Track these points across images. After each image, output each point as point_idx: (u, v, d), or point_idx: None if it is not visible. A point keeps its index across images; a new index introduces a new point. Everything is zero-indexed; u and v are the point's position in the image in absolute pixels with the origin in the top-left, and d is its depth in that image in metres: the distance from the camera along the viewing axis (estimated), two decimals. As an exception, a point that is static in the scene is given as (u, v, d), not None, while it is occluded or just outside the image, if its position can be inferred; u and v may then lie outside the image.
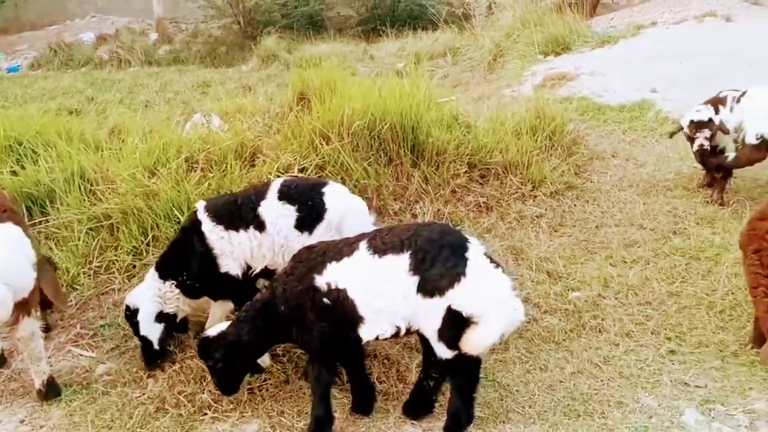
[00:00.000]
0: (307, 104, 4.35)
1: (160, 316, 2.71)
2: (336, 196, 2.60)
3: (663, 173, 4.42)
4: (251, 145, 3.92)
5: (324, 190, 2.60)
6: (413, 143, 4.00)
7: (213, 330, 2.40)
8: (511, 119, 4.57)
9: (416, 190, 3.88)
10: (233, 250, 2.56)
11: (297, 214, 2.54)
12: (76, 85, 9.19)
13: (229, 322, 2.43)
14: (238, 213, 2.57)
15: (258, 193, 2.61)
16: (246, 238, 2.55)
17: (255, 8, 12.15)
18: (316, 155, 3.75)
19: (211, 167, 3.71)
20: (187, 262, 2.63)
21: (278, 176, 3.51)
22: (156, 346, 2.70)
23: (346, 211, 2.58)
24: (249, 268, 2.62)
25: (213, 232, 2.57)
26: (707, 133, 3.87)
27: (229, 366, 2.36)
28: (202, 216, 2.60)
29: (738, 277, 3.07)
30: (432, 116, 4.23)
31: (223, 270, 2.60)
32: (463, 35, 9.32)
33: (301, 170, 3.69)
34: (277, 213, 2.54)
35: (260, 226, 2.55)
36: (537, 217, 3.88)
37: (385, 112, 3.94)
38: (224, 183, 3.56)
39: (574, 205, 4.04)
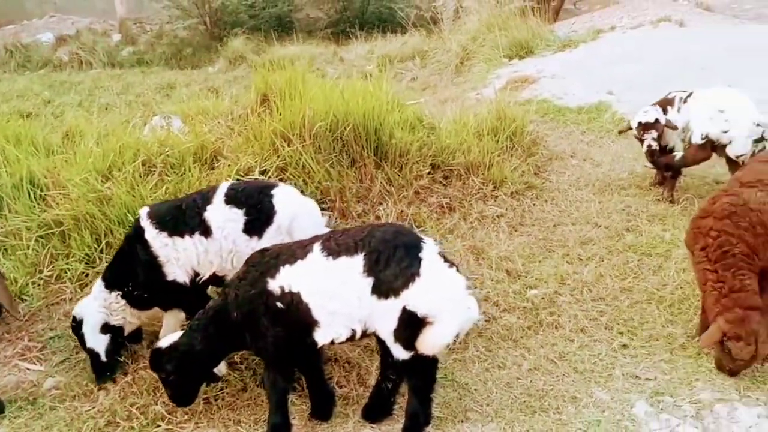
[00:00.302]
0: (270, 106, 4.30)
1: (106, 327, 2.62)
2: (286, 199, 2.55)
3: (617, 172, 4.57)
4: (211, 148, 3.84)
5: (273, 192, 2.54)
6: (376, 144, 4.00)
7: (165, 341, 2.34)
8: (474, 121, 4.63)
9: (379, 191, 3.89)
10: (179, 257, 2.49)
11: (245, 218, 2.48)
12: (32, 87, 8.84)
13: (181, 332, 2.37)
14: (183, 218, 2.50)
15: (203, 197, 2.55)
16: (191, 244, 2.49)
17: (222, 9, 11.93)
18: (277, 157, 3.71)
19: (169, 171, 3.62)
20: (133, 271, 2.55)
21: (238, 179, 3.46)
22: (104, 359, 2.61)
23: (296, 213, 2.54)
24: (197, 275, 2.56)
25: (157, 239, 2.50)
26: (654, 134, 4.05)
27: (183, 377, 2.31)
28: (145, 223, 2.53)
29: (686, 272, 3.20)
30: (395, 118, 4.25)
31: (169, 278, 2.53)
32: (431, 38, 9.44)
33: (262, 172, 3.64)
34: (224, 217, 2.49)
35: (206, 232, 2.49)
36: (498, 216, 3.94)
37: (347, 113, 3.92)
38: (182, 187, 3.48)
39: (534, 204, 4.13)
